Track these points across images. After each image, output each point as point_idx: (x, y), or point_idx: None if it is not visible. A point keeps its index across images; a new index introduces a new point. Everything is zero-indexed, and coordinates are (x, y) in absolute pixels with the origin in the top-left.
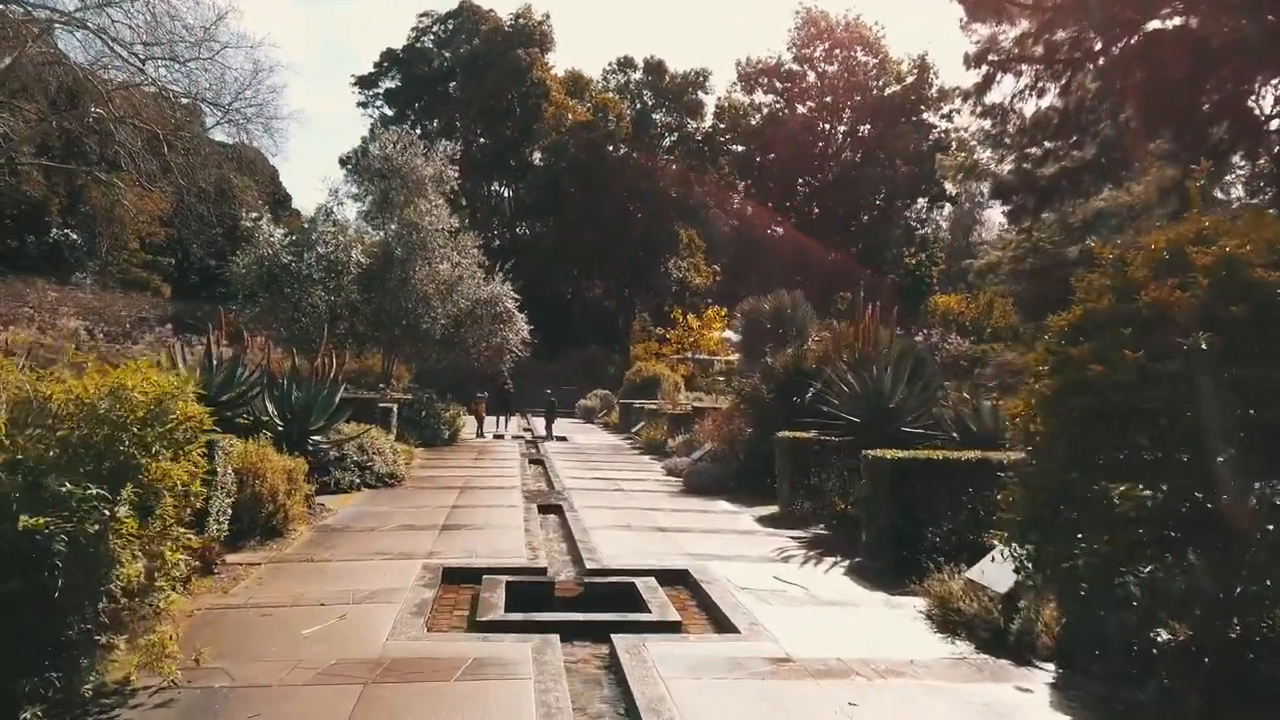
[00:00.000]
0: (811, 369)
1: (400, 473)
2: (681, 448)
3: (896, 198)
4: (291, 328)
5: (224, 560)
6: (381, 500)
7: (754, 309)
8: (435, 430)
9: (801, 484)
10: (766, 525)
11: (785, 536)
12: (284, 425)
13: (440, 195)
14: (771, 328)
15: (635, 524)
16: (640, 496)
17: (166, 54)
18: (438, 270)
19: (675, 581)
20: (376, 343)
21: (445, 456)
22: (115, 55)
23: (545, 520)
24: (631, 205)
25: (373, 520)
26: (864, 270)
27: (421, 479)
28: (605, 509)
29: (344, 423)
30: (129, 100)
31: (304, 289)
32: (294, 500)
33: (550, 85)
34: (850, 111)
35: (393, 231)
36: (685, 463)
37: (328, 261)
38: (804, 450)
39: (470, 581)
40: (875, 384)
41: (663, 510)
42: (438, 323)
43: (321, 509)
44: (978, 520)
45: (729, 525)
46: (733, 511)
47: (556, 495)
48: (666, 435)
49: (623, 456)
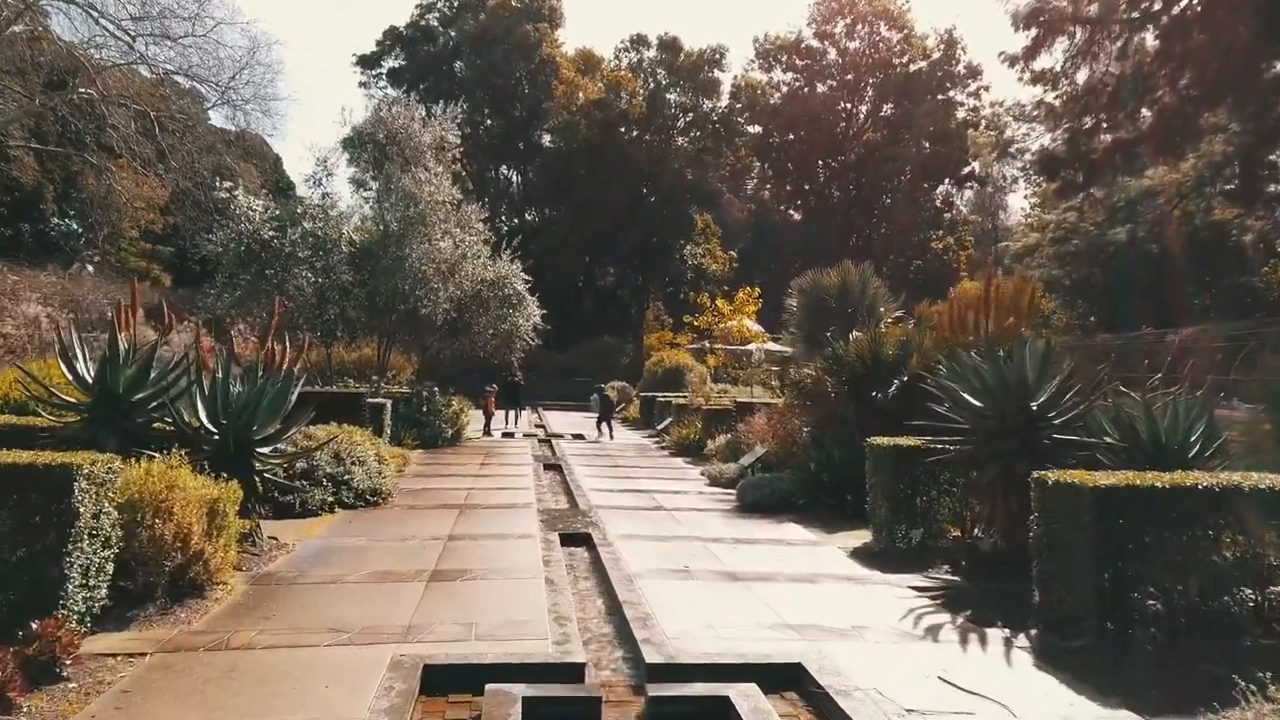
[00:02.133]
0: (892, 358)
1: (386, 487)
2: (724, 452)
3: (922, 179)
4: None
5: (77, 657)
6: (358, 527)
7: (814, 284)
8: (436, 429)
9: (905, 506)
10: (868, 564)
11: (905, 586)
12: (218, 434)
13: (441, 164)
14: (836, 307)
15: (695, 566)
16: (688, 518)
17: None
18: (438, 248)
19: (787, 683)
20: (371, 330)
21: (446, 461)
22: (105, 33)
23: (572, 558)
24: (645, 189)
25: (338, 563)
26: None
27: (413, 494)
28: (648, 540)
29: (315, 426)
30: (122, 81)
31: (287, 269)
32: (220, 543)
33: (560, 63)
34: (873, 90)
35: (387, 204)
36: (732, 470)
37: (314, 238)
38: (909, 462)
39: (465, 689)
40: (1015, 376)
41: (724, 542)
42: (439, 307)
43: (273, 546)
44: (1225, 576)
45: (820, 565)
46: (814, 542)
47: (582, 518)
48: (702, 435)
49: (652, 460)
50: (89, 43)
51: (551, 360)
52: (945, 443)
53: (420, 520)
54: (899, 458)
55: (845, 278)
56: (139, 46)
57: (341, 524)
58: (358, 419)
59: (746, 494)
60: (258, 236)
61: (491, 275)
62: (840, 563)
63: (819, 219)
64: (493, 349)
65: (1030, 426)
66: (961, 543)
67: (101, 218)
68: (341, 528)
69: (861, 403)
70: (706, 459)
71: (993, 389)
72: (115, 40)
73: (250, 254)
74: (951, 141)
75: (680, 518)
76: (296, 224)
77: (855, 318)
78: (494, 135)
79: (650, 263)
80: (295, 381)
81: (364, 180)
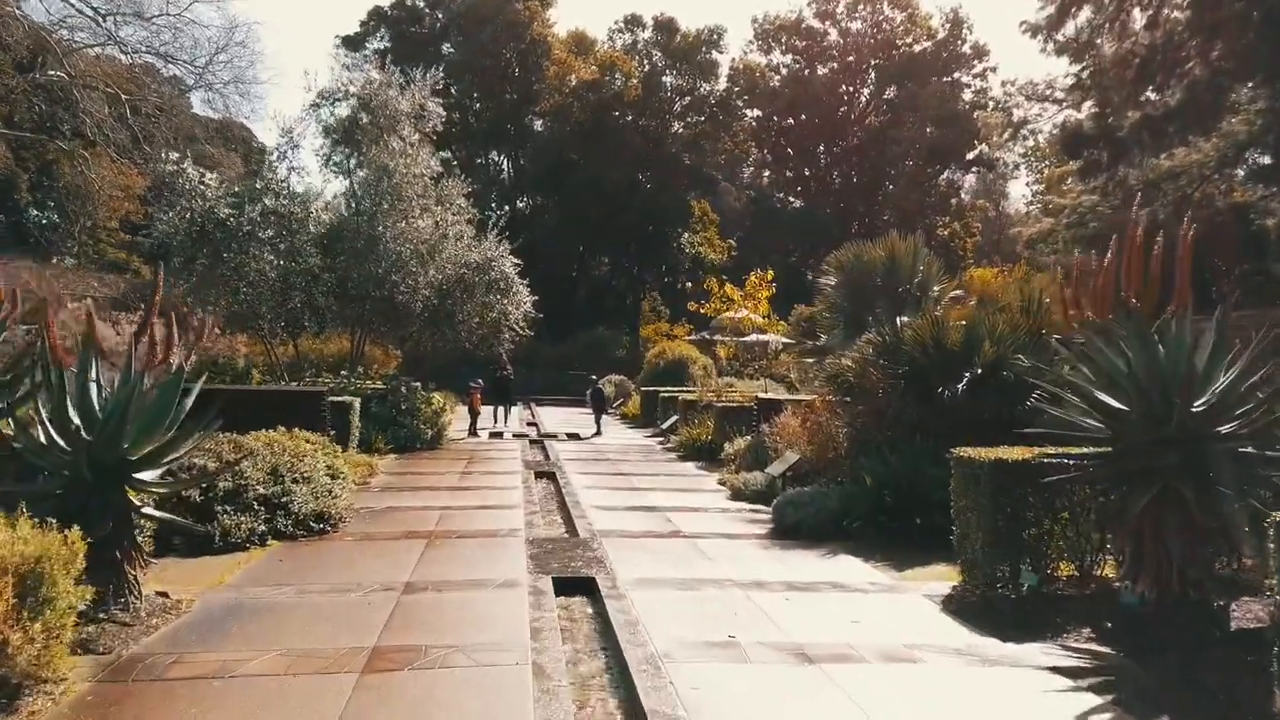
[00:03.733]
0: (957, 345)
1: (338, 509)
2: (745, 457)
3: (927, 164)
4: (234, 300)
5: None
6: (289, 569)
7: (856, 260)
8: (413, 431)
9: (1009, 538)
10: (976, 625)
11: (1045, 669)
12: (71, 454)
13: (420, 134)
14: (883, 285)
15: (742, 633)
16: (716, 549)
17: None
18: (416, 227)
19: None
20: (344, 321)
21: (422, 469)
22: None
23: (572, 618)
24: (640, 175)
25: (241, 635)
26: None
27: (374, 516)
28: (672, 587)
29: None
30: (96, 65)
31: (246, 251)
32: (44, 623)
33: (552, 43)
34: (876, 72)
35: (358, 178)
36: (758, 481)
37: (277, 216)
38: (1016, 481)
39: None
40: (1172, 366)
41: (771, 589)
42: (418, 293)
43: (158, 606)
44: None
45: (913, 628)
46: (888, 586)
47: (583, 550)
48: (715, 436)
49: (659, 465)
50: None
51: (544, 352)
52: (1068, 457)
53: (373, 557)
54: (1003, 475)
55: (893, 251)
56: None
57: (269, 564)
58: (316, 421)
59: (785, 514)
60: (211, 214)
61: (477, 258)
62: (936, 622)
63: (820, 205)
64: (479, 340)
65: (1197, 436)
66: (1085, 589)
67: (78, 208)
68: (267, 570)
69: (921, 400)
70: (722, 464)
71: (1140, 385)
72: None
73: (203, 234)
74: (957, 124)
75: (707, 549)
76: (256, 200)
77: (905, 298)
78: (484, 120)
79: (647, 251)
80: (180, 382)
81: (332, 153)
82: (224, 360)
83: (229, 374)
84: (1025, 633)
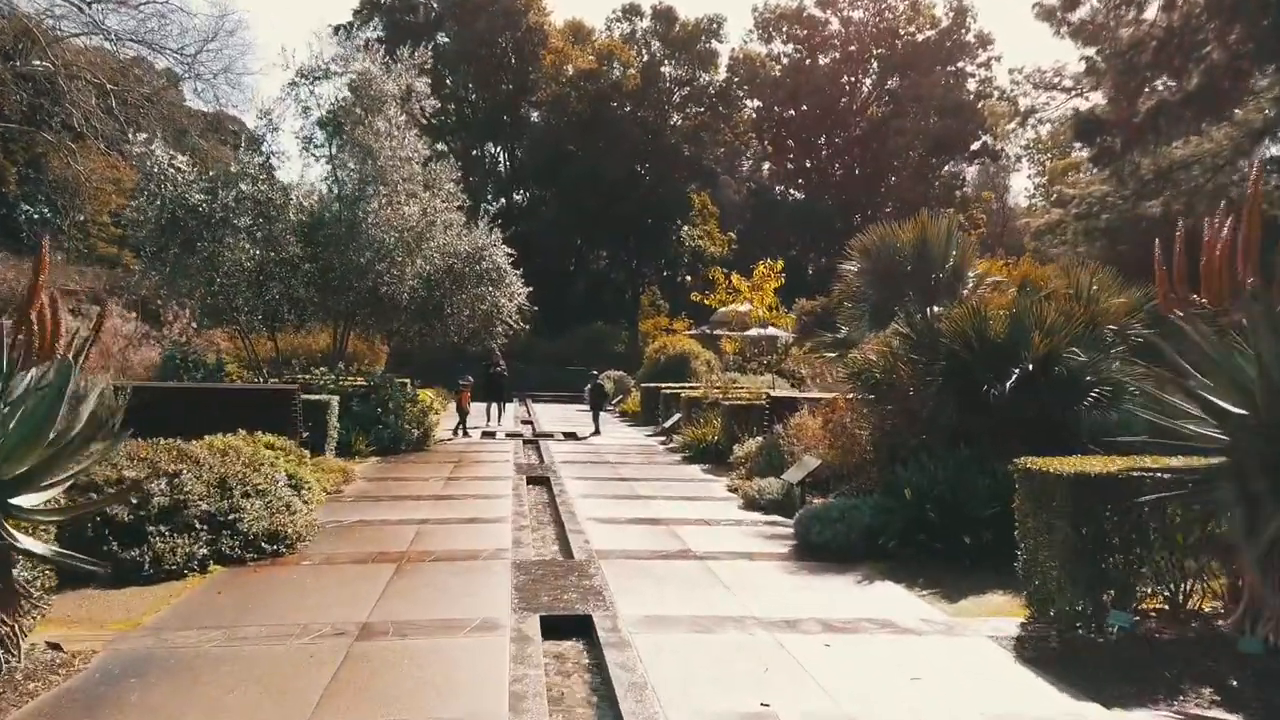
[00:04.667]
0: (1001, 337)
1: (296, 527)
2: (757, 461)
3: (930, 154)
4: (208, 292)
5: None
6: (226, 605)
7: (882, 243)
8: (397, 431)
9: (1091, 569)
10: (1065, 681)
11: None
12: None
13: (406, 114)
14: (913, 271)
15: (776, 696)
16: (733, 575)
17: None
18: (401, 213)
19: None
20: (326, 313)
21: (403, 474)
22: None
23: (564, 676)
24: (639, 167)
25: (142, 708)
26: None
27: (340, 533)
28: (685, 628)
29: (222, 435)
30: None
31: (220, 239)
32: None
33: (548, 31)
34: (878, 61)
35: (340, 161)
36: (774, 489)
37: (254, 203)
38: (1103, 499)
39: None
40: None
41: (804, 630)
42: (404, 284)
43: (45, 664)
44: None
45: (989, 687)
46: (944, 626)
47: (578, 576)
48: (723, 436)
49: (663, 468)
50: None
51: (542, 347)
52: (1164, 471)
53: (331, 587)
54: (1085, 492)
55: (925, 232)
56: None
57: (204, 597)
58: (287, 423)
59: (810, 530)
60: (183, 200)
61: (467, 247)
62: (1015, 677)
63: (821, 197)
64: (470, 334)
65: None
66: (1183, 629)
67: (68, 202)
68: (199, 606)
69: (962, 399)
70: (731, 468)
71: (1275, 384)
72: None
73: (174, 222)
74: (962, 114)
75: (723, 573)
76: (232, 185)
77: (937, 286)
78: (480, 111)
79: (645, 245)
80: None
81: (313, 135)
82: (194, 356)
83: (200, 370)
84: (1130, 692)
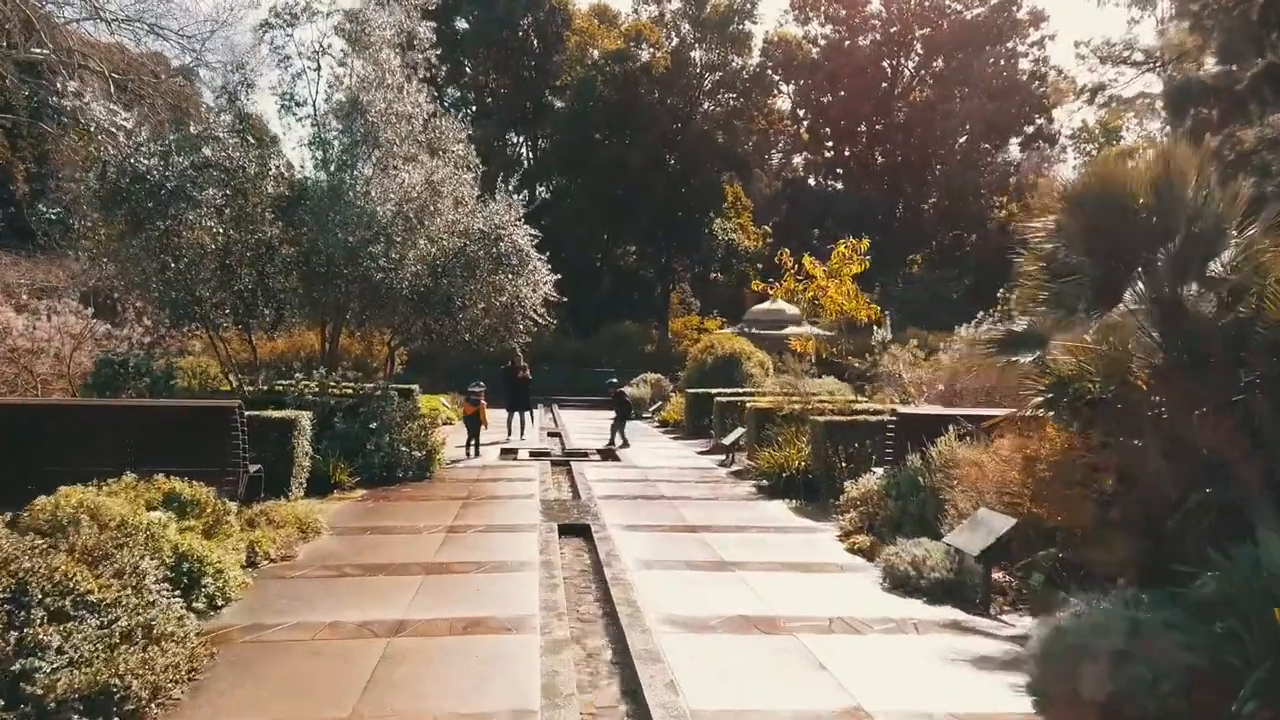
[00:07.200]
0: None
1: (147, 678)
2: (881, 505)
3: (981, 139)
4: (160, 280)
5: None
6: None
7: (1100, 186)
8: (391, 454)
9: None
10: None
11: None
12: None
13: (404, 63)
14: (1156, 224)
15: None
16: None
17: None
18: (398, 182)
19: None
20: (312, 306)
21: (389, 522)
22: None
23: None
24: (669, 156)
25: None
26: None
27: (235, 676)
28: None
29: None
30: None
31: (174, 215)
32: None
33: (572, 12)
34: (922, 42)
35: (322, 115)
36: (934, 559)
37: (220, 170)
38: None
39: None
40: None
41: None
42: (404, 269)
43: None
44: None
45: None
46: None
47: None
48: (814, 464)
49: (738, 508)
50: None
51: (568, 347)
52: None
53: None
54: None
55: (1167, 166)
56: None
57: None
58: (218, 459)
59: (1071, 669)
60: (128, 167)
61: (481, 225)
62: None
63: (862, 187)
64: (485, 331)
65: None
66: None
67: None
68: None
69: None
70: (834, 509)
71: None
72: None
73: (117, 193)
74: (1015, 96)
75: None
76: (192, 149)
77: (1191, 247)
78: (500, 99)
79: (676, 239)
80: None
81: (292, 90)
82: (139, 362)
83: (146, 378)
84: None
